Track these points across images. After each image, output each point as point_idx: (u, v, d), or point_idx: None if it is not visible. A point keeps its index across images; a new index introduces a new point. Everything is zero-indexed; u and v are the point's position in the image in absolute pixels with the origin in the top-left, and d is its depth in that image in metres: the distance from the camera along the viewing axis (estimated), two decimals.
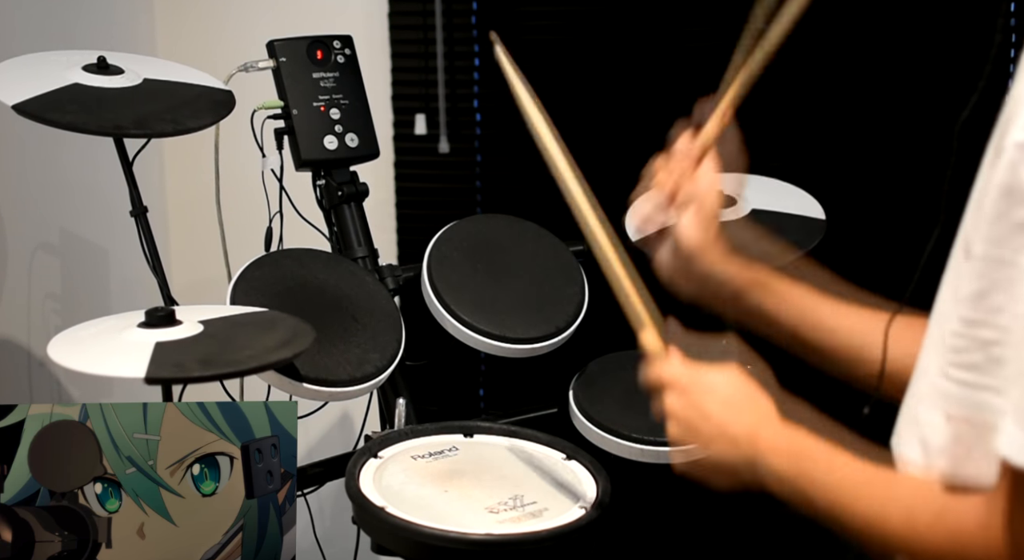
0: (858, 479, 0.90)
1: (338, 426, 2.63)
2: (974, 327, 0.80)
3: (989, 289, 0.79)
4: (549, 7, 2.48)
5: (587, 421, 1.75)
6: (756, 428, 0.98)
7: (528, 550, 1.32)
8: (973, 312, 0.80)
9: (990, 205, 0.79)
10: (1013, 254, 0.77)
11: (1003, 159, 0.78)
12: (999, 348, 0.78)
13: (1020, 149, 0.77)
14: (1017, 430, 0.76)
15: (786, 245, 1.91)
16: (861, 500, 0.89)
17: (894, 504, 0.86)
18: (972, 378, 0.80)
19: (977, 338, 0.80)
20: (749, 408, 1.01)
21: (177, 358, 1.32)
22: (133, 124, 1.64)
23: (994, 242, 0.78)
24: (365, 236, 1.92)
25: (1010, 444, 0.76)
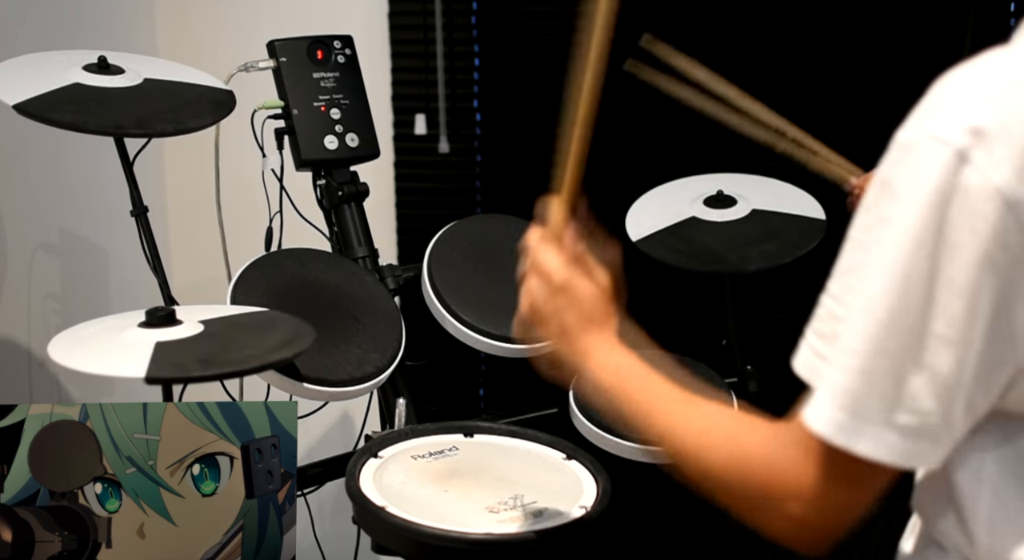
0: (666, 396, 0.99)
1: (338, 426, 2.63)
2: (831, 299, 0.86)
3: (848, 269, 0.84)
4: (549, 7, 2.49)
5: (587, 421, 1.75)
6: (590, 346, 1.08)
7: (528, 550, 1.32)
8: (834, 286, 0.86)
9: (868, 192, 0.84)
10: (872, 243, 0.82)
11: (887, 152, 0.83)
12: (840, 324, 0.84)
13: (898, 147, 0.82)
14: (822, 399, 0.83)
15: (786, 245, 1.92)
16: (666, 417, 0.97)
17: (692, 421, 0.95)
18: (817, 344, 0.86)
19: (830, 311, 0.86)
20: (594, 325, 1.10)
21: (177, 358, 1.32)
22: (134, 124, 1.64)
23: (861, 227, 0.83)
24: (365, 236, 1.92)
25: (812, 410, 0.84)
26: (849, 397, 0.82)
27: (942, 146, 0.78)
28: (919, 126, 0.81)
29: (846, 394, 0.82)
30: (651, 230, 1.95)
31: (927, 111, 0.82)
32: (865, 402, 0.81)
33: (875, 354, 0.81)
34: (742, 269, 1.87)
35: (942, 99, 0.82)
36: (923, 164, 0.79)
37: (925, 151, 0.79)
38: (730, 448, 0.90)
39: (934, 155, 0.78)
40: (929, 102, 0.83)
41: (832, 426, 0.82)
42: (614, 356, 1.07)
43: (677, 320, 2.28)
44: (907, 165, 0.80)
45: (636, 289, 1.87)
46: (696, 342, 1.92)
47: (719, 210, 1.96)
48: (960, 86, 0.82)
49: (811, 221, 1.95)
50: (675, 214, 1.98)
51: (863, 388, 0.81)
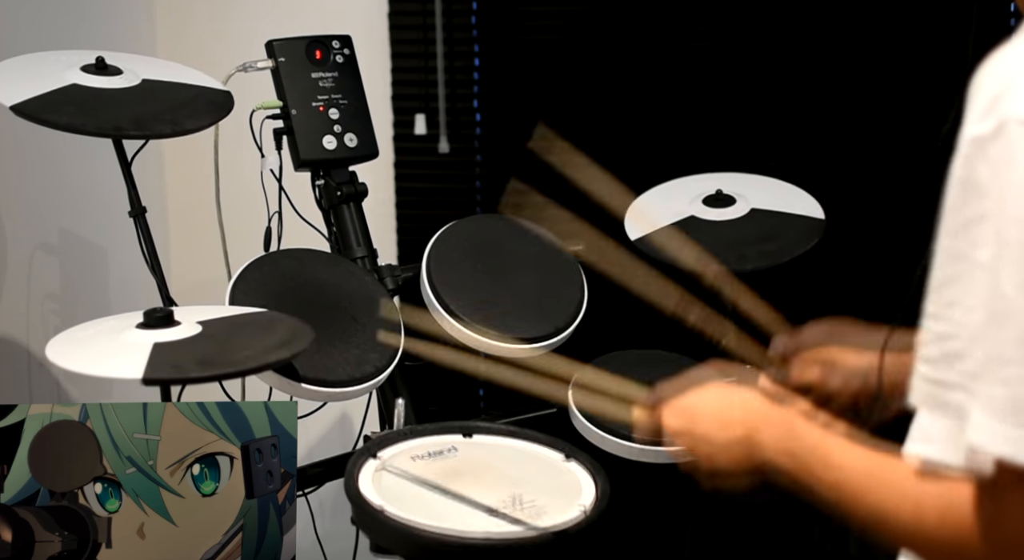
0: (864, 464, 0.89)
1: (338, 426, 2.63)
2: (932, 320, 0.80)
3: (944, 282, 0.79)
4: (549, 7, 2.48)
5: (587, 421, 1.75)
6: (754, 431, 0.99)
7: (527, 551, 1.32)
8: (932, 305, 0.80)
9: (949, 198, 0.79)
10: (966, 248, 0.77)
11: (959, 154, 0.78)
12: (953, 342, 0.78)
13: (973, 143, 0.77)
14: (990, 422, 0.75)
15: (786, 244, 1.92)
16: (869, 494, 0.87)
17: (902, 498, 0.84)
18: (930, 372, 0.80)
19: (934, 331, 0.80)
20: (738, 414, 1.02)
21: (175, 359, 1.32)
22: (131, 125, 1.64)
23: (950, 235, 0.79)
24: (364, 236, 1.92)
25: (984, 435, 0.75)
26: (1017, 409, 0.74)
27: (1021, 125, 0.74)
28: (993, 115, 0.76)
29: (1015, 406, 0.74)
30: (650, 229, 1.95)
31: (995, 99, 0.77)
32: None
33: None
34: (740, 268, 1.87)
35: (1008, 83, 0.77)
36: (1016, 150, 0.74)
37: (1014, 137, 0.75)
38: (950, 525, 0.81)
39: (1019, 136, 0.74)
40: (992, 89, 0.78)
41: (1011, 443, 0.74)
42: (786, 437, 0.96)
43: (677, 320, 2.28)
44: (994, 156, 0.76)
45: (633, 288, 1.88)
46: (696, 342, 1.92)
47: (718, 209, 1.96)
48: (1014, 70, 0.77)
49: (810, 220, 1.95)
50: (674, 213, 1.98)
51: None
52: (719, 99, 2.45)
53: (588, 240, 1.75)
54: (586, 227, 1.72)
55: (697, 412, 1.06)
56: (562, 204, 2.03)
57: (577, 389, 1.35)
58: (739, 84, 2.44)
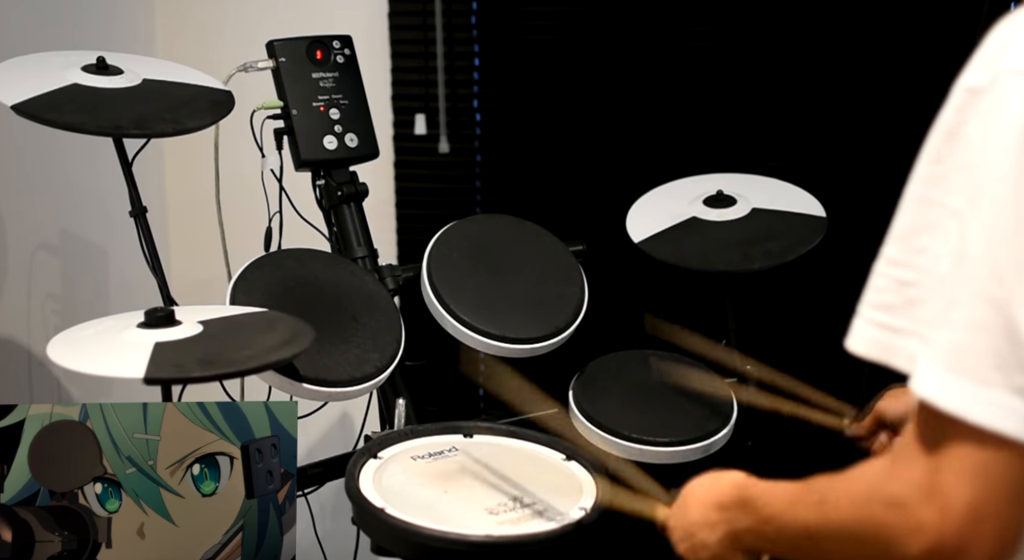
0: (792, 494, 0.90)
1: (338, 426, 2.63)
2: (895, 267, 0.79)
3: (913, 230, 0.78)
4: (549, 7, 2.48)
5: (587, 421, 1.75)
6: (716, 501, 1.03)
7: (528, 551, 1.32)
8: (896, 251, 0.79)
9: (930, 146, 0.78)
10: (943, 195, 0.76)
11: (950, 103, 0.78)
12: (915, 289, 0.77)
13: (965, 93, 0.77)
14: (941, 373, 0.73)
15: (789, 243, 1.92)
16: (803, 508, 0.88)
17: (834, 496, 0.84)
18: (884, 318, 0.79)
19: (895, 278, 0.78)
20: (706, 492, 1.07)
21: (176, 358, 1.32)
22: (132, 124, 1.64)
23: (927, 182, 0.78)
24: (365, 236, 1.92)
25: (931, 385, 0.73)
26: (959, 355, 0.72)
27: (1018, 76, 0.73)
28: (990, 67, 0.76)
29: (955, 352, 0.72)
30: (652, 231, 1.95)
31: (995, 53, 0.77)
32: (978, 362, 0.71)
33: (984, 309, 0.72)
34: (746, 268, 1.87)
35: (1009, 39, 0.77)
36: (1006, 101, 0.74)
37: (1007, 88, 0.74)
38: (850, 499, 0.81)
39: (1014, 87, 0.73)
40: (994, 45, 0.78)
41: (942, 388, 0.72)
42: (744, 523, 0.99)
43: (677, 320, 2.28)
44: (984, 108, 0.75)
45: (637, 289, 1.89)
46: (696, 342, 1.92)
47: (719, 210, 1.96)
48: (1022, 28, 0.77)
49: (812, 219, 1.95)
50: (675, 215, 1.98)
51: (976, 345, 0.71)
52: (719, 99, 2.45)
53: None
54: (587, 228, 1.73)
55: (685, 526, 1.09)
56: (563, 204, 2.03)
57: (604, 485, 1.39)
58: (739, 84, 2.44)
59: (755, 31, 2.43)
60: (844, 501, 0.82)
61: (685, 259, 1.90)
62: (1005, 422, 0.71)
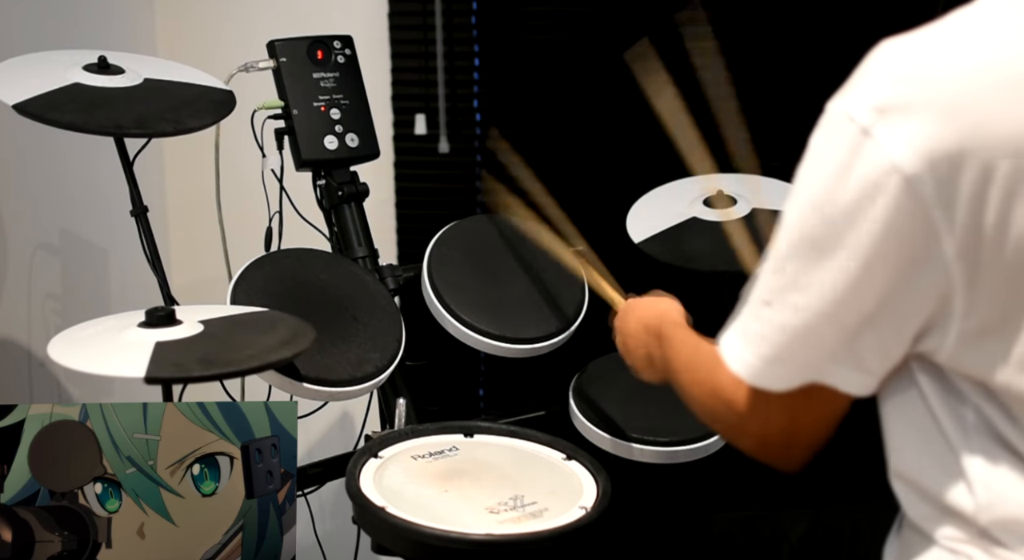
0: (692, 347, 1.11)
1: (338, 426, 2.63)
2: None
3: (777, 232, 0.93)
4: (549, 7, 2.49)
5: (587, 421, 1.75)
6: (649, 323, 1.30)
7: (528, 550, 1.32)
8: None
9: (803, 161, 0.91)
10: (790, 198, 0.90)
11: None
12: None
13: (825, 112, 0.88)
14: (733, 335, 0.95)
15: None
16: (691, 364, 1.09)
17: (692, 366, 1.08)
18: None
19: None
20: (649, 309, 1.35)
21: (177, 358, 1.32)
22: (133, 124, 1.64)
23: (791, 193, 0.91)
24: (365, 236, 1.92)
25: (724, 343, 0.96)
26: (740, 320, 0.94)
27: (849, 122, 0.84)
28: (839, 99, 0.87)
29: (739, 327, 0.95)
30: (652, 232, 1.95)
31: (849, 85, 0.87)
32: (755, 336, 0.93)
33: (775, 304, 0.90)
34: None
35: (861, 74, 0.87)
36: (833, 136, 0.86)
37: (836, 124, 0.86)
38: (711, 384, 1.00)
39: (843, 129, 0.84)
40: (855, 75, 0.88)
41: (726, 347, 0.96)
42: (657, 349, 1.25)
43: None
44: (822, 134, 0.88)
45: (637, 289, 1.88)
46: None
47: (719, 210, 1.97)
48: (879, 62, 0.87)
49: None
50: (675, 215, 1.98)
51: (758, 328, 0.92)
52: (717, 94, 2.44)
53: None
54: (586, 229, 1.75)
55: (625, 327, 1.40)
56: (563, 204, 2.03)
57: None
58: (739, 84, 2.44)
59: (755, 30, 2.43)
60: (706, 386, 1.02)
61: (686, 260, 1.90)
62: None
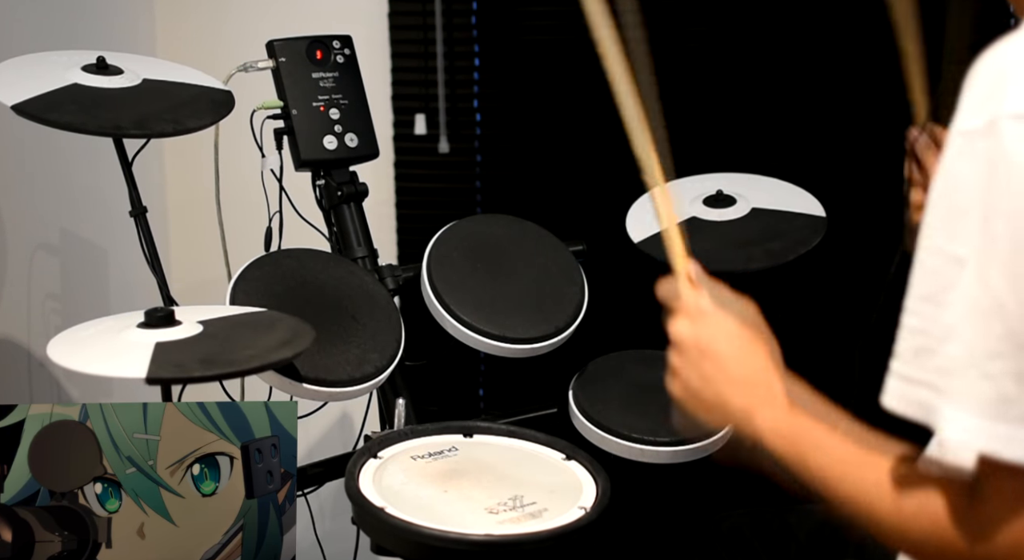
0: (850, 461, 0.89)
1: (338, 426, 2.63)
2: (907, 315, 0.80)
3: (921, 277, 0.79)
4: (549, 7, 2.49)
5: (587, 421, 1.75)
6: (754, 407, 0.97)
7: (528, 551, 1.32)
8: (910, 301, 0.80)
9: (933, 192, 0.79)
10: (944, 243, 0.77)
11: (948, 147, 0.78)
12: (923, 338, 0.78)
13: (962, 137, 0.77)
14: (971, 418, 0.75)
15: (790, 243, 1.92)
16: (850, 483, 0.88)
17: (883, 489, 0.85)
18: (901, 368, 0.80)
19: (907, 326, 0.80)
20: (757, 358, 0.99)
21: (177, 358, 1.32)
22: (132, 124, 1.64)
23: (931, 228, 0.79)
24: (365, 236, 1.92)
25: (964, 432, 0.75)
26: (1001, 405, 0.74)
27: (1017, 120, 0.73)
28: (985, 109, 0.76)
29: (999, 402, 0.74)
30: (652, 231, 1.95)
31: (988, 94, 0.76)
32: (1018, 407, 0.73)
33: (1013, 354, 0.74)
34: (746, 268, 1.87)
35: (1001, 77, 0.76)
36: (1009, 147, 0.74)
37: (1004, 131, 0.74)
38: (925, 520, 0.82)
39: (1016, 133, 0.73)
40: (985, 84, 0.77)
41: (996, 439, 0.74)
42: (784, 419, 0.95)
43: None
44: (982, 152, 0.75)
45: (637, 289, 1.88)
46: None
47: (719, 210, 1.97)
48: (1018, 62, 0.76)
49: (812, 218, 1.95)
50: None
51: (1014, 391, 0.74)
52: (719, 98, 2.45)
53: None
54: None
55: (712, 349, 1.01)
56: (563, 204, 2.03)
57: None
58: (739, 83, 2.44)
59: (755, 30, 2.43)
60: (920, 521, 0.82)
61: None
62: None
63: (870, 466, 0.87)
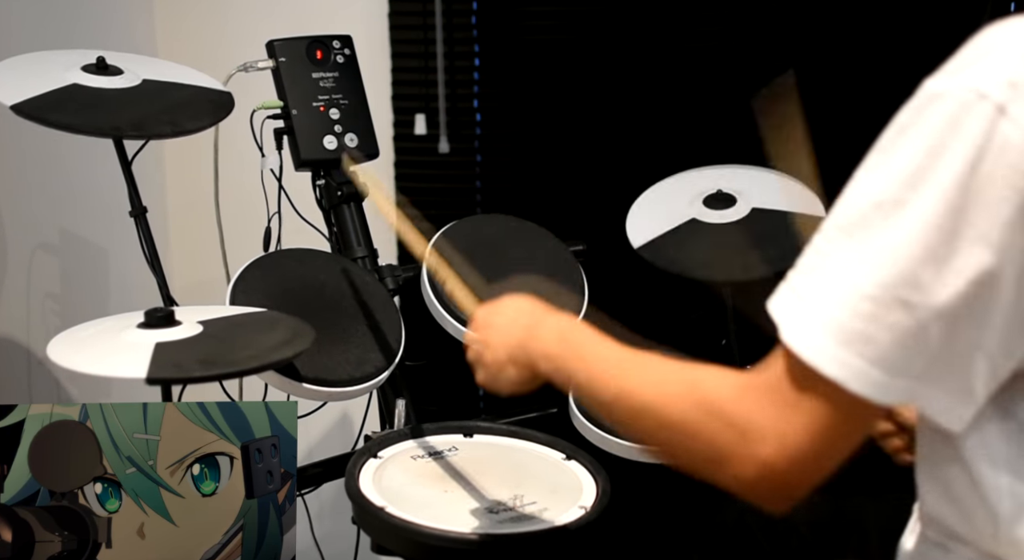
0: (616, 356, 0.97)
1: (338, 426, 2.63)
2: (817, 235, 0.86)
3: (844, 207, 0.84)
4: (549, 7, 2.49)
5: (587, 421, 1.75)
6: (525, 339, 1.11)
7: (528, 551, 1.32)
8: (825, 224, 0.85)
9: (884, 134, 0.82)
10: (876, 184, 0.81)
11: (912, 98, 0.80)
12: (820, 258, 0.84)
13: (926, 94, 0.79)
14: (809, 326, 0.80)
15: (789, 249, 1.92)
16: (617, 373, 0.95)
17: (646, 374, 0.92)
18: (794, 278, 0.86)
19: (814, 244, 0.86)
20: (524, 318, 1.14)
21: (177, 358, 1.32)
22: (131, 126, 1.64)
23: (866, 167, 0.83)
24: (365, 236, 1.92)
25: (797, 335, 0.81)
26: (845, 333, 0.79)
27: (980, 99, 0.75)
28: (955, 77, 0.78)
29: (842, 330, 0.79)
30: (652, 235, 1.95)
31: (965, 63, 0.79)
32: (858, 336, 0.78)
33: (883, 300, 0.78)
34: (746, 278, 1.88)
35: (983, 52, 0.78)
36: (957, 116, 0.76)
37: (961, 102, 0.76)
38: (693, 396, 0.86)
39: (971, 107, 0.75)
40: (968, 54, 0.79)
41: (815, 351, 0.79)
42: (555, 325, 1.08)
43: (677, 320, 2.28)
44: (937, 115, 0.77)
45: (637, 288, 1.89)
46: (696, 342, 1.92)
47: (719, 211, 1.97)
48: (1002, 40, 0.78)
49: (812, 219, 1.95)
50: (675, 217, 1.98)
51: (862, 327, 0.78)
52: (718, 97, 2.45)
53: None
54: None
55: (487, 325, 1.19)
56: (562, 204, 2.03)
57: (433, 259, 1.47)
58: (739, 82, 2.44)
59: (755, 29, 2.43)
60: (686, 399, 0.87)
61: (686, 268, 1.91)
62: (857, 382, 0.78)
63: (653, 363, 0.93)
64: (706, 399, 0.85)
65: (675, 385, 0.89)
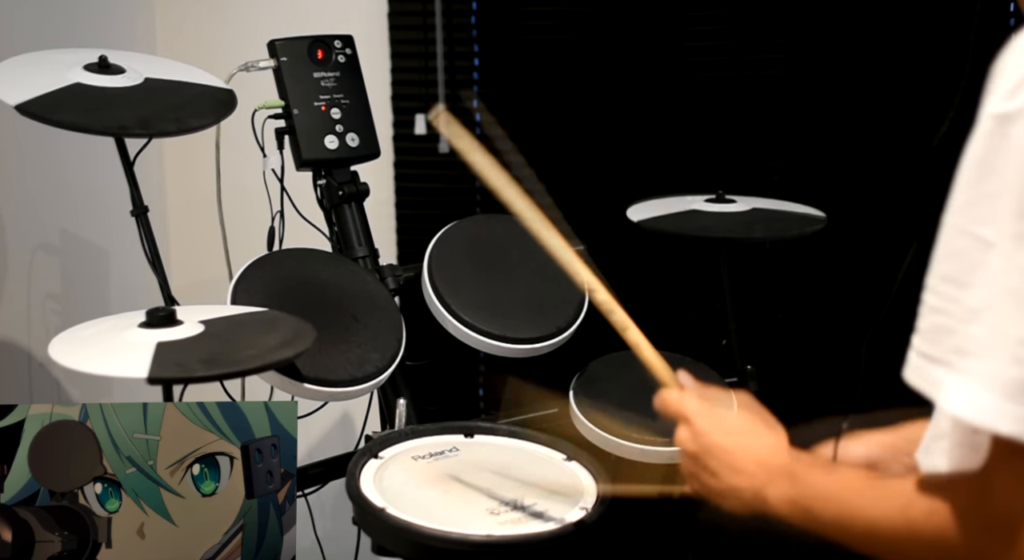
0: (857, 486, 0.92)
1: (338, 426, 2.63)
2: (928, 293, 0.80)
3: (944, 257, 0.79)
4: (549, 7, 2.49)
5: (587, 421, 1.75)
6: (761, 488, 1.01)
7: (529, 551, 1.32)
8: (931, 278, 0.80)
9: (962, 174, 0.78)
10: (970, 224, 0.77)
11: (978, 131, 0.77)
12: (942, 317, 0.78)
13: (994, 121, 0.76)
14: (993, 398, 0.74)
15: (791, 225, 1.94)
16: (861, 518, 0.89)
17: (890, 502, 0.86)
18: (920, 344, 0.80)
19: (928, 304, 0.80)
20: (756, 439, 1.05)
21: (179, 358, 1.32)
22: (136, 124, 1.63)
23: (957, 211, 0.78)
24: (366, 236, 1.92)
25: (985, 412, 0.75)
26: (1015, 386, 0.74)
27: None
28: (1019, 95, 0.75)
29: (1010, 383, 0.74)
30: (653, 215, 1.97)
31: (1022, 80, 0.75)
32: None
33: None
34: (748, 237, 1.89)
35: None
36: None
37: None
38: (905, 532, 0.84)
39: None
40: (1017, 71, 0.76)
41: (1018, 421, 0.74)
42: (789, 489, 0.99)
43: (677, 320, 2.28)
44: (1015, 135, 0.74)
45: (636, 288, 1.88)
46: (696, 342, 1.92)
47: (720, 205, 1.99)
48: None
49: (812, 218, 1.96)
50: (676, 207, 2.00)
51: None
52: (719, 99, 2.45)
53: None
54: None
55: (712, 446, 1.06)
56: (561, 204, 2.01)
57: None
58: (739, 84, 2.44)
59: (755, 30, 2.43)
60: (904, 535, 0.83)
61: (684, 229, 1.92)
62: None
63: (872, 492, 0.89)
64: (946, 522, 0.81)
65: (919, 509, 0.84)
